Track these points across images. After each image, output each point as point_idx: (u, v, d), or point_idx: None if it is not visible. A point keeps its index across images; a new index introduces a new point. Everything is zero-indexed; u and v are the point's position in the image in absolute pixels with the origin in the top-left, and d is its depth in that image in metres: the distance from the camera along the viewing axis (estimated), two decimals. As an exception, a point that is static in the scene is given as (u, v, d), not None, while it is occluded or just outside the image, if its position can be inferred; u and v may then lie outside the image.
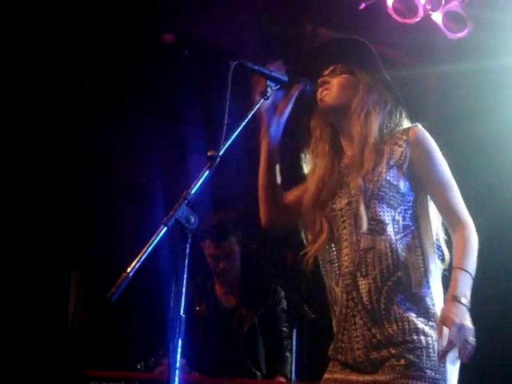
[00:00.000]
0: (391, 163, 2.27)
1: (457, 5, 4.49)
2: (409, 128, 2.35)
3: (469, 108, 4.69)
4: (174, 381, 1.77)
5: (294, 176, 2.54)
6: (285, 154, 2.51)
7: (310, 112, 2.50)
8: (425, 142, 2.31)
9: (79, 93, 5.19)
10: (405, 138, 2.31)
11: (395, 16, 4.55)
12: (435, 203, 2.31)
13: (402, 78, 2.53)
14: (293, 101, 2.44)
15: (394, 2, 4.54)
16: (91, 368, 3.82)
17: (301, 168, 2.53)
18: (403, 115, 2.42)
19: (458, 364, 2.17)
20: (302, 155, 2.52)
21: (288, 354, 4.01)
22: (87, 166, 5.56)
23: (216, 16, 4.82)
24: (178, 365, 1.77)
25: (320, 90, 2.42)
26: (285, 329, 4.09)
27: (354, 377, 2.20)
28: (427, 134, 2.33)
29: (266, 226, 2.51)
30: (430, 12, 4.54)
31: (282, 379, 3.90)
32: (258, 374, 4.03)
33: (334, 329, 2.33)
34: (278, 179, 2.48)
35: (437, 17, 4.56)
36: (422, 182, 2.30)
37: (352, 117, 2.36)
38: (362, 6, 4.60)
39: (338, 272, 2.28)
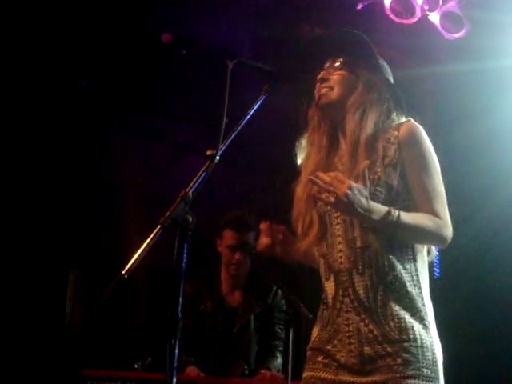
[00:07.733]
0: (386, 162, 2.24)
1: (454, 5, 4.49)
2: (401, 123, 2.31)
3: (466, 109, 4.70)
4: (172, 381, 1.77)
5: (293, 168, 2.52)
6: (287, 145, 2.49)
7: (308, 102, 2.46)
8: (414, 142, 2.25)
9: (77, 92, 5.20)
10: (396, 134, 2.27)
11: (392, 16, 4.55)
12: (418, 210, 2.22)
13: (399, 79, 2.51)
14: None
15: (391, 3, 4.54)
16: (88, 367, 3.82)
17: (295, 158, 2.50)
18: (403, 115, 2.36)
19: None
20: (297, 143, 2.49)
21: (278, 354, 4.07)
22: (86, 165, 5.57)
23: (214, 15, 4.82)
24: (175, 365, 1.77)
25: (319, 85, 2.39)
26: (279, 330, 4.16)
27: (345, 377, 2.18)
28: (419, 131, 2.27)
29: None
30: (428, 12, 4.54)
31: (265, 371, 3.94)
32: (246, 367, 4.04)
33: (321, 322, 2.31)
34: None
35: (434, 17, 4.56)
36: (409, 184, 2.24)
37: (348, 113, 2.33)
38: (360, 6, 4.60)
39: (331, 267, 2.27)
